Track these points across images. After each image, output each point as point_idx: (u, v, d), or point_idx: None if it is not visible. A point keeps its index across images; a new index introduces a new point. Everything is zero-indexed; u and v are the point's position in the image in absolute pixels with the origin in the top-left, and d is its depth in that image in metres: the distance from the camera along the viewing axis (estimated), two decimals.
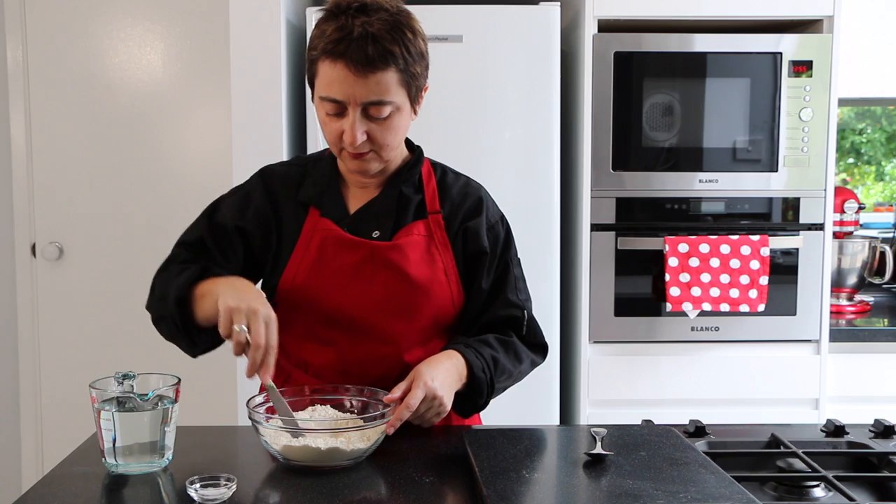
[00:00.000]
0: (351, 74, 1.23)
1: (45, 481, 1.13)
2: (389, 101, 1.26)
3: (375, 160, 1.32)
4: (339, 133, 1.28)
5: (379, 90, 1.24)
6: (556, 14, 2.24)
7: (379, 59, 1.22)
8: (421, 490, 1.09)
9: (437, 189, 1.42)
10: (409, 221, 1.38)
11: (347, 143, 1.27)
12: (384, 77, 1.24)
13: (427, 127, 2.25)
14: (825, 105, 2.28)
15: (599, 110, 2.28)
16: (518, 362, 1.41)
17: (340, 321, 1.35)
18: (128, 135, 2.95)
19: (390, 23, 1.24)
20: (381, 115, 1.27)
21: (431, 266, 1.37)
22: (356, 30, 1.22)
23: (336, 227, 1.36)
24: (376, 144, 1.30)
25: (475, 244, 1.41)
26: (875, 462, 1.23)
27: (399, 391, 1.25)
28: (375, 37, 1.22)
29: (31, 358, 2.99)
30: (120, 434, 1.14)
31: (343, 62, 1.22)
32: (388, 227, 1.37)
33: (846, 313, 2.55)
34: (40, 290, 2.99)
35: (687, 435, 1.30)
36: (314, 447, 1.14)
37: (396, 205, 1.38)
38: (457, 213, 1.41)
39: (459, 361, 1.33)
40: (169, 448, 1.18)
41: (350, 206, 1.40)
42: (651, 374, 2.31)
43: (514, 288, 1.44)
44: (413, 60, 1.27)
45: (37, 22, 2.93)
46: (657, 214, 2.30)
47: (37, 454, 3.02)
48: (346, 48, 1.22)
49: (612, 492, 0.99)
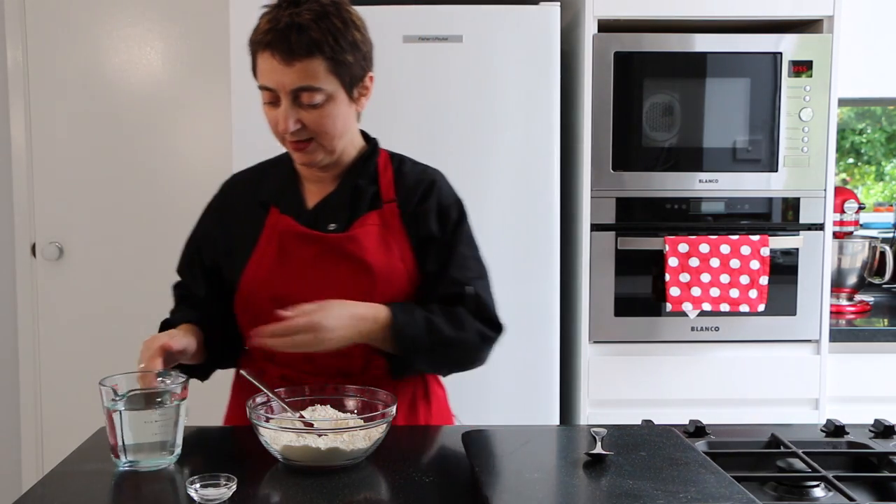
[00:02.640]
0: (278, 63, 1.29)
1: (46, 481, 1.13)
2: (318, 87, 1.31)
3: (319, 150, 1.37)
4: (275, 122, 1.35)
5: (306, 77, 1.30)
6: (556, 14, 2.24)
7: (303, 47, 1.28)
8: (421, 490, 1.09)
9: (394, 178, 1.45)
10: (364, 212, 1.41)
11: (282, 130, 1.34)
12: (310, 65, 1.29)
13: (427, 127, 2.25)
14: (825, 105, 2.28)
15: (599, 110, 2.28)
16: (460, 329, 1.38)
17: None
18: (128, 135, 2.95)
19: (319, 13, 1.30)
20: (312, 102, 1.31)
21: (388, 254, 1.39)
22: (283, 20, 1.29)
23: (294, 223, 1.41)
24: (313, 132, 1.34)
25: (424, 228, 1.43)
26: (875, 462, 1.23)
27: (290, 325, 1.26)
28: (301, 26, 1.28)
29: (31, 358, 2.99)
30: (132, 432, 1.15)
31: (270, 52, 1.29)
32: (343, 220, 1.41)
33: (846, 313, 2.55)
34: (40, 290, 2.99)
35: (687, 435, 1.30)
36: (314, 447, 1.14)
37: (351, 197, 1.42)
38: (410, 199, 1.44)
39: (380, 309, 1.33)
40: (178, 445, 1.20)
41: (308, 202, 1.44)
42: (651, 374, 2.31)
43: (459, 266, 1.43)
44: (342, 49, 1.31)
45: (37, 22, 2.93)
46: (657, 214, 2.30)
47: (37, 454, 3.02)
48: (273, 38, 1.29)
49: (612, 492, 0.99)
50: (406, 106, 2.25)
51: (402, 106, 2.24)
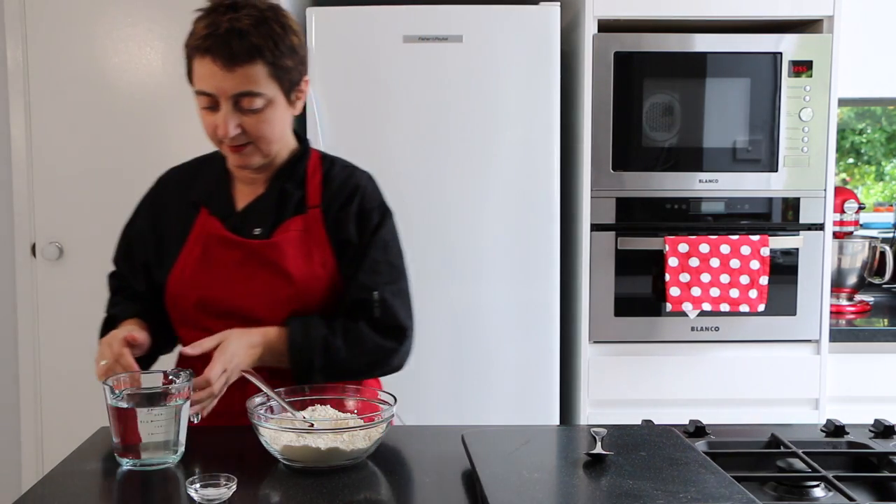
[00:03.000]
0: (218, 69, 1.29)
1: (45, 481, 1.13)
2: (259, 92, 1.31)
3: (256, 154, 1.37)
4: (214, 127, 1.34)
5: (247, 82, 1.29)
6: (556, 14, 2.24)
7: (244, 53, 1.28)
8: (421, 490, 1.09)
9: (322, 182, 1.45)
10: (289, 217, 1.41)
11: (221, 135, 1.33)
12: (251, 70, 1.29)
13: (427, 127, 2.25)
14: (825, 105, 2.28)
15: (599, 110, 2.28)
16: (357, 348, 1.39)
17: (229, 314, 1.39)
18: (128, 135, 2.95)
19: (258, 18, 1.30)
20: (252, 107, 1.32)
21: (308, 261, 1.39)
22: (223, 26, 1.28)
23: (220, 227, 1.41)
24: (252, 137, 1.34)
25: (344, 233, 1.42)
26: (875, 462, 1.23)
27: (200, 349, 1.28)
28: (241, 32, 1.28)
29: (31, 358, 2.99)
30: (136, 430, 1.16)
31: (210, 57, 1.29)
32: (268, 224, 1.41)
33: (846, 313, 2.55)
34: (40, 290, 2.99)
35: (687, 435, 1.30)
36: (314, 447, 1.14)
37: (278, 201, 1.42)
38: (334, 204, 1.43)
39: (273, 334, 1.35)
40: (181, 444, 1.20)
41: (238, 204, 1.44)
42: (651, 374, 2.31)
43: (368, 270, 1.42)
44: (282, 54, 1.32)
45: (37, 22, 2.92)
46: (657, 214, 2.30)
47: (37, 454, 3.02)
48: (213, 44, 1.28)
49: (612, 492, 0.99)
50: (406, 106, 2.25)
51: (402, 106, 2.24)
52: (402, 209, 2.24)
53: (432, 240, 2.26)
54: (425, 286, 2.27)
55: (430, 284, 2.26)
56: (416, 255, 2.29)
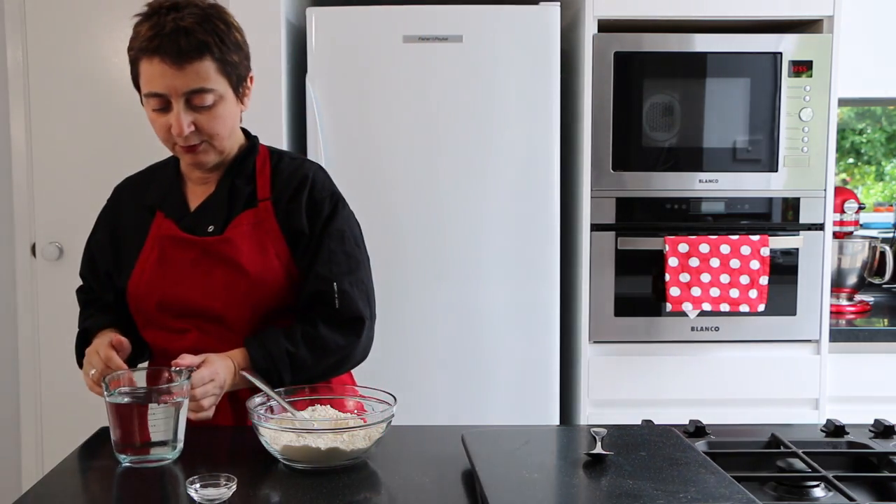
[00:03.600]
0: (168, 68, 1.29)
1: (46, 481, 1.13)
2: (210, 88, 1.32)
3: (210, 151, 1.39)
4: (167, 127, 1.35)
5: (198, 79, 1.31)
6: (556, 14, 2.24)
7: (193, 49, 1.29)
8: (421, 490, 1.09)
9: (270, 176, 1.45)
10: (239, 212, 1.42)
11: (176, 135, 1.34)
12: (201, 66, 1.31)
13: (427, 127, 2.25)
14: (825, 105, 2.28)
15: (599, 110, 2.28)
16: (321, 354, 1.39)
17: (188, 312, 1.40)
18: (128, 135, 2.95)
19: (201, 16, 1.32)
20: (204, 104, 1.33)
21: (263, 254, 1.40)
22: (168, 25, 1.29)
23: (174, 228, 1.42)
24: (205, 134, 1.36)
25: (296, 223, 1.42)
26: (875, 462, 1.23)
27: (186, 360, 1.28)
28: (187, 30, 1.29)
29: (31, 358, 2.99)
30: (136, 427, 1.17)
31: (159, 57, 1.29)
32: (221, 221, 1.42)
33: (846, 313, 2.54)
34: (40, 290, 2.99)
35: (687, 435, 1.30)
36: (314, 447, 1.14)
37: (228, 197, 1.43)
38: (283, 195, 1.44)
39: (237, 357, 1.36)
40: (180, 441, 1.21)
41: (191, 204, 1.46)
42: (651, 374, 2.31)
43: (325, 261, 1.42)
44: (228, 49, 1.34)
45: (37, 22, 2.93)
46: (657, 214, 2.30)
47: (37, 454, 3.02)
48: (160, 43, 1.29)
49: (612, 492, 0.99)
50: (406, 106, 2.25)
51: (402, 106, 2.24)
52: (401, 209, 2.26)
53: (432, 240, 2.26)
54: (425, 286, 2.27)
55: (431, 285, 2.26)
56: (415, 255, 2.30)
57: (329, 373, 1.44)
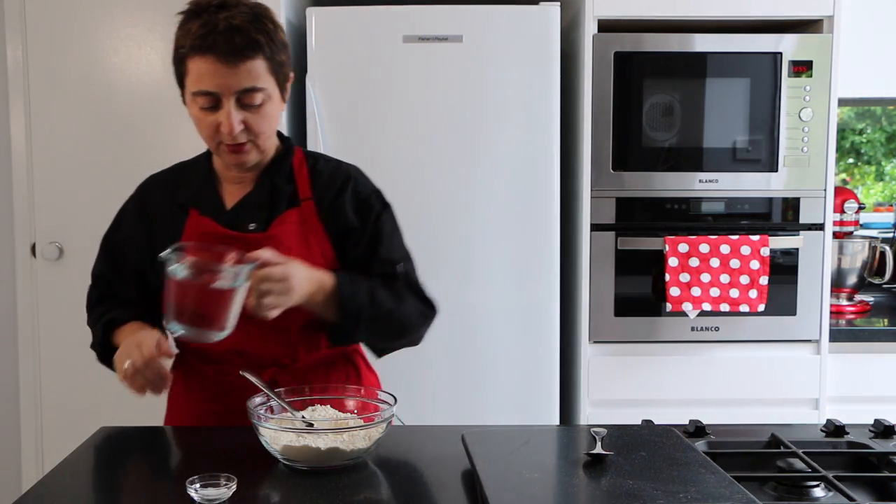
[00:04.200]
0: (221, 66, 1.29)
1: (46, 481, 1.13)
2: (261, 87, 1.33)
3: (253, 150, 1.39)
4: (214, 127, 1.34)
5: (250, 78, 1.31)
6: (556, 14, 2.24)
7: (246, 48, 1.29)
8: (421, 490, 1.09)
9: (309, 176, 1.46)
10: (283, 211, 1.43)
11: (225, 134, 1.34)
12: (253, 65, 1.31)
13: (427, 127, 2.25)
14: (825, 105, 2.28)
15: (599, 110, 2.28)
16: (400, 303, 1.42)
17: None
18: (128, 135, 2.95)
19: (252, 15, 1.32)
20: (254, 103, 1.33)
21: (307, 251, 1.40)
22: (221, 24, 1.29)
23: (215, 224, 1.42)
24: (253, 133, 1.35)
25: (343, 221, 1.44)
26: (875, 462, 1.23)
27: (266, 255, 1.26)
28: (240, 28, 1.29)
29: (31, 358, 2.99)
30: (192, 301, 1.19)
31: (213, 55, 1.29)
32: (263, 219, 1.42)
33: (846, 313, 2.54)
34: (40, 290, 2.99)
35: (687, 435, 1.30)
36: (314, 447, 1.14)
37: (269, 196, 1.43)
38: (326, 195, 1.45)
39: (326, 276, 1.35)
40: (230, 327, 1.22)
41: (226, 203, 1.45)
42: (651, 374, 2.31)
43: (387, 247, 1.46)
44: (277, 49, 1.35)
45: (37, 22, 2.92)
46: (657, 214, 2.30)
47: (37, 454, 3.02)
48: (214, 42, 1.28)
49: (612, 492, 0.99)
50: (406, 106, 2.25)
51: (402, 106, 2.24)
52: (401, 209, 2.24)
53: (432, 239, 2.26)
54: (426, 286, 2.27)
55: (431, 284, 2.25)
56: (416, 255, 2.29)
57: (398, 333, 1.44)
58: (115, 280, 1.50)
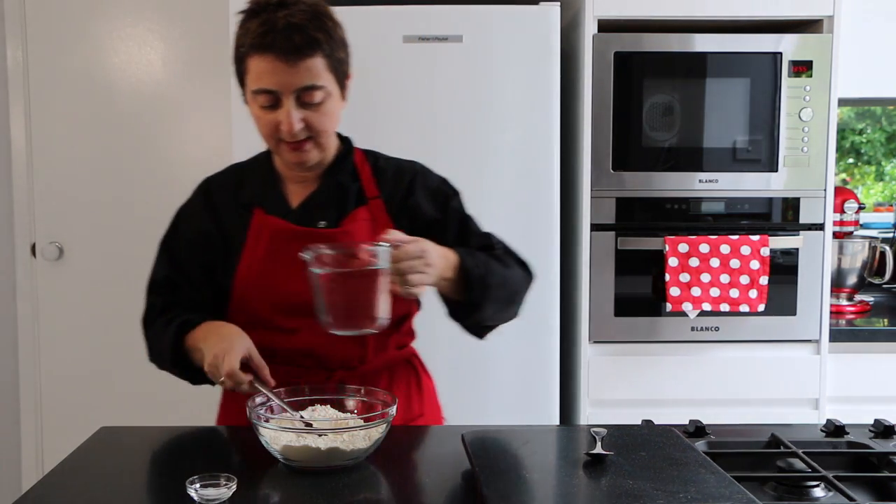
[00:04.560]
0: (281, 64, 1.29)
1: (46, 481, 1.13)
2: (321, 85, 1.32)
3: (314, 149, 1.38)
4: (274, 125, 1.34)
5: (310, 76, 1.31)
6: (556, 14, 2.24)
7: (305, 46, 1.29)
8: (421, 490, 1.09)
9: (373, 175, 1.47)
10: (352, 209, 1.43)
11: (285, 132, 1.33)
12: (313, 63, 1.31)
13: (427, 127, 2.25)
14: (825, 105, 2.28)
15: (599, 110, 2.28)
16: (507, 267, 1.43)
17: (299, 308, 1.37)
18: (128, 135, 2.95)
19: (311, 13, 1.32)
20: (314, 101, 1.33)
21: None
22: (280, 22, 1.29)
23: (283, 222, 1.41)
24: (313, 131, 1.35)
25: (421, 217, 1.45)
26: (875, 462, 1.23)
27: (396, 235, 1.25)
28: (299, 26, 1.29)
29: (31, 358, 2.99)
30: (339, 296, 1.20)
31: (273, 54, 1.29)
32: (332, 217, 1.42)
33: (846, 313, 2.55)
34: (40, 290, 2.99)
35: (687, 435, 1.30)
36: (314, 447, 1.14)
37: (337, 195, 1.44)
38: (395, 196, 1.46)
39: (450, 253, 1.35)
40: (382, 317, 1.22)
41: (291, 202, 1.45)
42: (651, 374, 2.31)
43: (474, 222, 1.51)
44: (337, 46, 1.35)
45: (37, 22, 2.93)
46: (657, 214, 2.30)
47: (37, 454, 3.02)
48: (274, 40, 1.28)
49: (612, 492, 0.99)
50: (406, 106, 2.25)
51: (402, 106, 2.24)
52: None
53: None
54: None
55: None
56: None
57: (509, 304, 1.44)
58: (182, 283, 1.47)
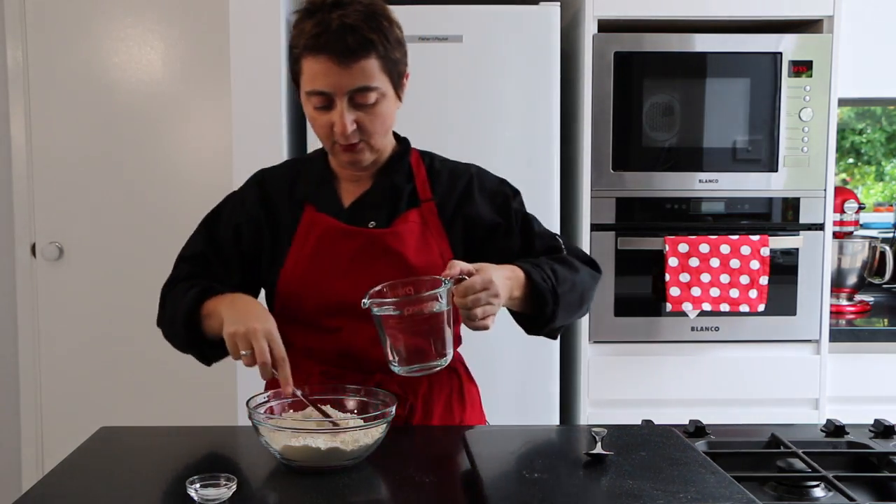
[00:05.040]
0: (334, 65, 1.27)
1: (46, 481, 1.13)
2: (374, 86, 1.31)
3: (367, 150, 1.37)
4: (328, 126, 1.32)
5: (363, 77, 1.29)
6: (556, 14, 2.24)
7: (359, 47, 1.27)
8: (421, 490, 1.09)
9: (427, 177, 1.45)
10: (403, 210, 1.41)
11: (338, 134, 1.31)
12: (366, 64, 1.29)
13: (428, 127, 2.24)
14: (825, 105, 2.28)
15: (599, 110, 2.28)
16: (574, 271, 1.39)
17: (342, 309, 1.36)
18: (128, 135, 2.95)
19: (365, 13, 1.30)
20: (367, 102, 1.31)
21: (427, 251, 1.39)
22: (334, 23, 1.27)
23: (333, 220, 1.40)
24: (366, 133, 1.34)
25: (481, 224, 1.43)
26: (875, 462, 1.23)
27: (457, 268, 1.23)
28: (353, 27, 1.27)
29: (31, 358, 2.99)
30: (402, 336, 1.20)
31: (325, 55, 1.27)
32: (383, 217, 1.40)
33: (846, 313, 2.55)
34: (40, 290, 2.99)
35: (687, 435, 1.30)
36: (314, 447, 1.14)
37: (389, 195, 1.42)
38: (449, 200, 1.44)
39: (516, 270, 1.32)
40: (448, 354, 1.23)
41: (344, 200, 1.43)
42: (651, 374, 2.31)
43: (538, 223, 1.49)
44: (392, 47, 1.33)
45: (37, 22, 2.93)
46: (657, 214, 2.30)
47: (37, 454, 3.02)
48: (327, 41, 1.27)
49: (612, 492, 0.99)
50: (406, 106, 2.24)
51: (402, 106, 2.24)
52: None
53: None
54: None
55: None
56: None
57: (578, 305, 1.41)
58: (215, 262, 1.43)
